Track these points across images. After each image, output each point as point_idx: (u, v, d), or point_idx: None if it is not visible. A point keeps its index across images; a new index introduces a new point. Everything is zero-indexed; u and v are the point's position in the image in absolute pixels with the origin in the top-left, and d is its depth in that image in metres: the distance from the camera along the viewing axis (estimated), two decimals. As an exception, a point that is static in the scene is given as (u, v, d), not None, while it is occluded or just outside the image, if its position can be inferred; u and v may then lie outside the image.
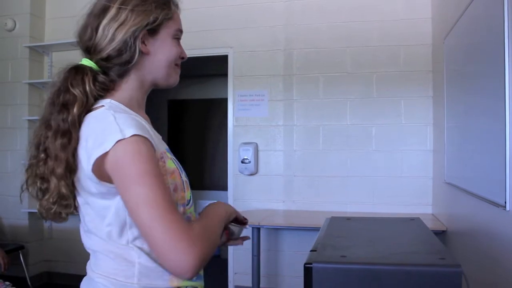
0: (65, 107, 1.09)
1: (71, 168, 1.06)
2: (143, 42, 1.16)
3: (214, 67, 5.27)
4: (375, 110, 4.08)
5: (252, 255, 3.81)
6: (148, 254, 1.08)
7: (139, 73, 1.20)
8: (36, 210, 4.62)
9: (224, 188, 4.56)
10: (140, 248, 1.08)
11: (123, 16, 1.14)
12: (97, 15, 1.16)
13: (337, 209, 4.01)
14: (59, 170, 1.05)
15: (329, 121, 4.17)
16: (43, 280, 4.78)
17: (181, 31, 1.26)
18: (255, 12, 4.35)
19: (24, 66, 4.70)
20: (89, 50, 1.17)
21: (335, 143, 4.15)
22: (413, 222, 1.81)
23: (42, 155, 1.09)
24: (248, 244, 3.87)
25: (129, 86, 1.20)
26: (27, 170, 1.12)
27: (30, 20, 4.72)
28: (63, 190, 1.06)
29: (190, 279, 1.07)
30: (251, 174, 4.30)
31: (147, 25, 1.15)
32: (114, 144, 1.01)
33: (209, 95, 6.77)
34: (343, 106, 4.14)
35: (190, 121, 6.96)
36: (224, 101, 4.53)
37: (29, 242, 4.62)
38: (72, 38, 4.39)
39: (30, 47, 4.68)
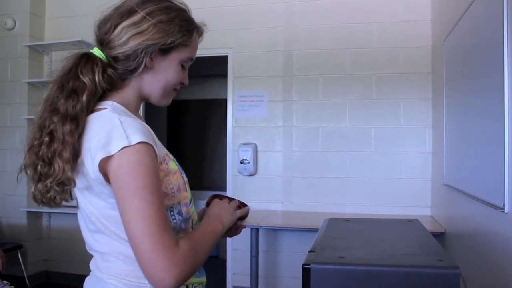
0: (75, 93, 1.09)
1: (77, 153, 1.07)
2: (150, 58, 1.16)
3: (213, 68, 5.28)
4: (374, 111, 4.08)
5: (251, 255, 3.81)
6: None
7: (139, 83, 1.20)
8: (35, 209, 4.62)
9: (223, 188, 4.55)
10: None
11: (144, 26, 1.14)
12: (122, 14, 1.16)
13: (335, 210, 4.02)
14: (66, 154, 1.05)
15: (328, 122, 4.17)
16: (42, 279, 4.77)
17: (192, 60, 1.26)
18: (255, 13, 4.35)
19: (23, 65, 4.70)
20: (102, 43, 1.17)
21: (334, 144, 4.15)
22: (412, 223, 1.81)
23: (46, 138, 1.08)
24: (246, 244, 3.88)
25: (128, 91, 1.20)
26: (28, 150, 1.11)
27: (30, 19, 4.72)
28: (69, 173, 1.05)
29: None
30: (250, 175, 4.30)
31: (162, 44, 1.16)
32: (120, 150, 1.02)
33: (208, 95, 6.78)
34: (342, 108, 4.15)
35: (190, 121, 6.96)
36: (224, 101, 4.53)
37: (27, 241, 4.61)
38: (71, 37, 4.41)
39: (29, 46, 4.68)
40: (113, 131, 1.04)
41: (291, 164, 4.25)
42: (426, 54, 3.99)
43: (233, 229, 1.37)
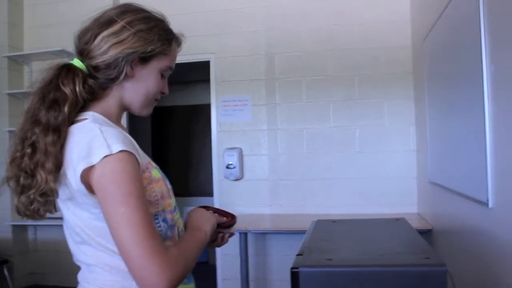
0: (56, 103, 1.09)
1: (59, 164, 1.07)
2: (131, 66, 1.17)
3: (196, 73, 5.27)
4: (358, 112, 4.11)
5: (240, 260, 3.81)
6: None
7: (120, 92, 1.21)
8: (20, 223, 4.56)
9: (210, 194, 4.54)
10: None
11: (124, 35, 1.15)
12: (101, 24, 1.17)
13: (323, 211, 4.03)
14: (49, 164, 1.05)
15: (313, 124, 4.19)
16: (29, 293, 4.71)
17: (171, 69, 1.27)
18: (236, 18, 4.36)
19: (3, 76, 4.64)
20: (82, 53, 1.18)
21: (319, 146, 4.17)
22: (398, 222, 1.83)
23: (28, 150, 1.08)
24: (236, 249, 3.87)
25: (109, 100, 1.21)
26: (10, 163, 1.11)
27: (8, 29, 4.66)
28: (51, 184, 1.05)
29: None
30: (237, 179, 4.29)
31: (142, 52, 1.17)
32: (101, 159, 1.02)
33: (192, 101, 6.75)
34: (326, 109, 4.17)
35: (174, 127, 6.93)
36: (207, 107, 4.52)
37: (13, 255, 4.54)
38: (51, 47, 4.37)
39: (9, 57, 4.62)
40: (94, 141, 1.04)
41: (277, 167, 4.25)
42: (407, 53, 4.03)
43: (219, 239, 1.36)
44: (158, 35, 1.19)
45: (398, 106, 4.04)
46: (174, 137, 6.90)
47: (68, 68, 1.14)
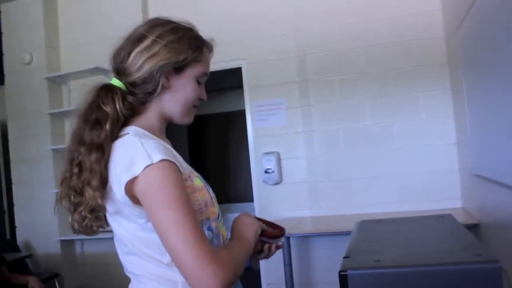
0: (98, 123, 1.14)
1: (104, 180, 1.11)
2: (166, 77, 1.21)
3: (229, 80, 5.31)
4: (393, 107, 4.04)
5: (284, 264, 3.79)
6: None
7: (159, 104, 1.24)
8: (68, 238, 4.71)
9: (250, 199, 4.55)
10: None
11: (156, 48, 1.19)
12: (133, 41, 1.21)
13: (364, 211, 3.97)
14: (95, 182, 1.10)
15: (348, 123, 4.14)
16: (80, 305, 4.83)
17: (206, 74, 1.30)
18: (264, 22, 4.36)
19: (44, 97, 4.80)
20: (119, 72, 1.22)
21: (356, 144, 4.12)
22: (444, 218, 1.78)
23: (76, 170, 1.13)
24: (279, 254, 3.85)
25: (150, 113, 1.25)
26: (61, 183, 1.17)
27: (45, 51, 4.82)
28: (99, 200, 1.10)
29: None
30: (276, 184, 4.29)
31: (175, 62, 1.20)
32: (143, 170, 1.05)
33: (226, 108, 6.80)
34: (361, 107, 4.11)
35: (210, 135, 7.00)
36: (242, 113, 4.54)
37: (63, 269, 4.67)
38: (87, 65, 4.50)
39: (48, 78, 4.77)
40: (135, 153, 1.08)
41: (315, 169, 4.23)
42: (440, 44, 3.94)
43: (266, 250, 1.36)
44: (188, 43, 1.23)
45: (434, 99, 3.95)
46: (211, 145, 6.97)
47: (107, 88, 1.20)
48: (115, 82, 1.21)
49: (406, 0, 4.02)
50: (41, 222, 4.73)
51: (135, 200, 1.08)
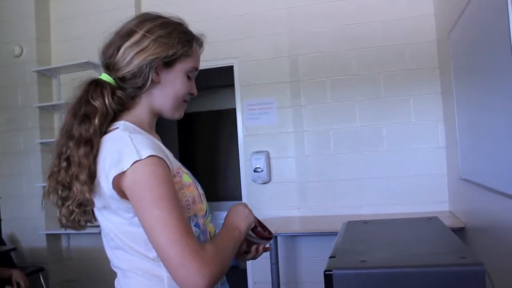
0: (87, 117, 1.14)
1: (93, 175, 1.11)
2: (156, 72, 1.21)
3: (220, 78, 5.30)
4: (384, 110, 4.06)
5: (271, 263, 3.80)
6: None
7: (149, 99, 1.24)
8: (54, 231, 4.67)
9: (238, 198, 4.55)
10: None
11: (145, 43, 1.19)
12: (122, 36, 1.21)
13: (353, 212, 3.99)
14: (83, 176, 1.09)
15: (339, 124, 4.16)
16: (65, 301, 4.80)
17: (196, 69, 1.30)
18: (257, 21, 4.36)
19: (33, 90, 4.76)
20: (108, 67, 1.22)
21: (346, 146, 4.13)
22: (431, 221, 1.79)
23: (64, 164, 1.13)
24: (266, 253, 3.86)
25: (140, 108, 1.24)
26: (49, 177, 1.17)
27: (36, 44, 4.78)
28: (87, 195, 1.10)
29: None
30: (265, 183, 4.29)
31: (164, 57, 1.20)
32: (131, 165, 1.04)
33: (217, 106, 6.80)
34: (351, 109, 4.13)
35: (200, 133, 6.99)
36: (233, 111, 4.54)
37: (48, 263, 4.64)
38: (78, 59, 4.47)
39: (38, 71, 4.73)
40: (124, 147, 1.08)
41: (304, 169, 4.24)
42: (432, 48, 3.96)
43: (253, 251, 1.36)
44: (178, 38, 1.22)
45: (425, 103, 3.98)
46: (201, 142, 6.96)
47: (96, 83, 1.19)
48: (105, 77, 1.21)
49: (400, 4, 4.05)
50: (27, 216, 4.69)
51: (122, 194, 1.08)
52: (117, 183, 1.07)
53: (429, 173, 3.93)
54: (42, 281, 4.39)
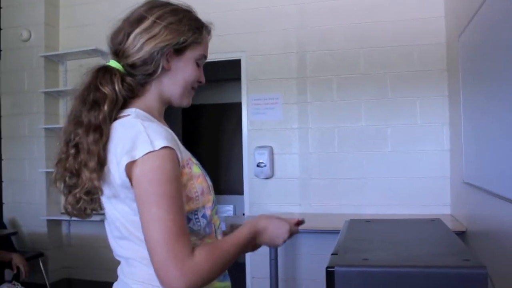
0: (96, 104, 1.12)
1: (102, 162, 1.10)
2: (167, 59, 1.20)
3: (227, 72, 5.29)
4: (390, 110, 4.05)
5: (270, 259, 3.80)
6: None
7: (158, 86, 1.23)
8: (55, 217, 4.68)
9: (240, 192, 4.55)
10: None
11: (156, 30, 1.17)
12: (132, 22, 1.20)
13: (354, 211, 3.98)
14: (92, 163, 1.08)
15: (344, 123, 4.15)
16: (63, 286, 4.82)
17: (205, 57, 1.29)
18: (267, 16, 4.35)
19: (40, 75, 4.76)
20: (118, 54, 1.21)
21: (351, 144, 4.13)
22: (434, 223, 1.79)
23: (72, 151, 1.11)
24: (265, 248, 3.86)
25: (149, 95, 1.23)
26: (56, 164, 1.15)
27: (44, 30, 4.78)
28: (95, 182, 1.08)
29: None
30: (267, 178, 4.29)
31: (175, 44, 1.19)
32: (144, 155, 1.04)
33: (223, 99, 6.78)
34: (357, 108, 4.12)
35: (205, 126, 6.98)
36: (238, 105, 4.53)
37: (48, 249, 4.66)
38: (86, 46, 4.45)
39: (45, 57, 4.74)
40: (137, 136, 1.06)
41: (308, 166, 4.23)
42: (441, 50, 3.95)
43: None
44: (188, 25, 1.22)
45: (431, 105, 3.96)
46: (205, 135, 6.95)
47: (105, 69, 1.17)
48: (113, 63, 1.19)
49: (411, 5, 4.03)
50: (29, 201, 4.71)
51: (132, 182, 1.07)
52: (128, 171, 1.06)
53: (432, 175, 3.92)
54: (42, 266, 4.41)
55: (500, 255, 2.42)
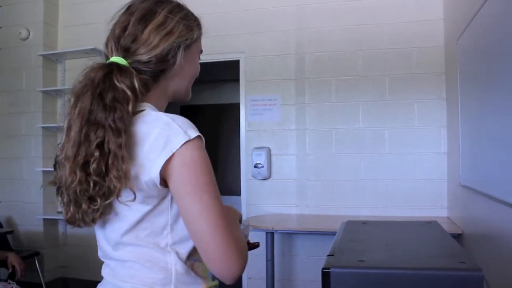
0: (118, 103, 1.04)
1: (127, 165, 1.01)
2: (182, 55, 1.16)
3: (226, 72, 5.29)
4: (388, 113, 4.05)
5: (266, 259, 3.80)
6: (182, 260, 1.09)
7: (166, 82, 1.18)
8: (51, 217, 4.63)
9: (237, 193, 4.55)
10: (177, 254, 1.09)
11: (171, 25, 1.14)
12: (142, 17, 1.14)
13: (351, 213, 3.99)
14: (124, 166, 1.00)
15: (342, 124, 4.15)
16: (58, 286, 4.80)
17: (201, 52, 1.28)
18: (266, 17, 4.35)
19: (38, 74, 4.76)
20: (128, 50, 1.13)
21: (348, 146, 4.13)
22: (430, 225, 1.79)
23: (97, 153, 1.01)
24: (262, 249, 3.87)
25: (156, 92, 1.18)
26: (72, 168, 1.03)
27: (43, 28, 4.78)
28: (129, 185, 1.00)
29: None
30: (264, 179, 4.29)
31: (190, 39, 1.17)
32: (181, 146, 1.00)
33: (221, 100, 6.79)
34: (355, 110, 4.12)
35: (203, 126, 6.92)
36: (236, 106, 4.53)
37: (44, 248, 4.65)
38: (84, 45, 4.43)
39: (43, 55, 4.73)
40: (168, 128, 1.02)
41: (305, 167, 4.23)
42: (439, 53, 3.96)
43: None
44: (193, 20, 1.20)
45: (429, 108, 3.97)
46: (203, 135, 6.94)
47: (118, 67, 1.09)
48: (120, 60, 1.11)
49: (410, 8, 4.04)
50: (25, 200, 4.70)
51: (162, 181, 1.02)
52: (165, 169, 1.00)
53: (430, 178, 3.93)
54: (37, 265, 4.39)
55: (496, 258, 2.43)
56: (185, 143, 1.00)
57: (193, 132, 1.03)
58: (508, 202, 2.12)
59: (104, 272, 1.17)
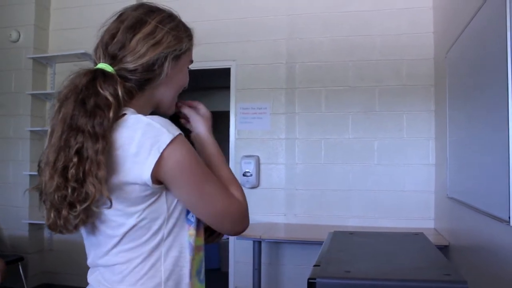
0: (99, 109, 1.04)
1: (108, 170, 1.01)
2: (169, 65, 1.16)
3: (216, 80, 5.29)
4: (377, 124, 4.08)
5: (253, 268, 3.79)
6: (172, 265, 1.10)
7: (151, 91, 1.18)
8: (37, 221, 4.56)
9: (225, 200, 4.53)
10: (167, 259, 1.10)
11: (159, 35, 1.14)
12: (132, 26, 1.14)
13: (339, 223, 3.99)
14: (101, 172, 0.99)
15: (331, 134, 4.17)
16: (42, 292, 4.75)
17: (192, 62, 1.27)
18: (258, 26, 4.37)
19: (27, 77, 4.72)
20: (115, 58, 1.13)
21: (337, 156, 4.14)
22: (417, 237, 1.80)
23: (75, 159, 1.00)
24: (249, 257, 3.86)
25: (140, 100, 1.17)
26: (52, 174, 1.02)
27: (34, 31, 4.75)
28: (105, 192, 0.99)
29: None
30: (253, 187, 4.29)
31: (178, 50, 1.17)
32: (168, 145, 1.02)
33: (211, 107, 6.69)
34: (345, 120, 4.14)
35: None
36: (226, 114, 4.53)
37: (29, 253, 4.59)
38: (75, 49, 4.41)
39: (33, 58, 4.70)
40: (151, 130, 1.03)
41: (293, 177, 4.24)
42: (429, 66, 4.00)
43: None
44: (184, 31, 1.20)
45: (418, 119, 4.00)
46: (192, 143, 6.93)
47: (103, 74, 1.10)
48: (107, 67, 1.11)
49: (400, 20, 4.08)
50: (11, 204, 4.65)
51: (155, 180, 1.03)
52: (156, 170, 1.01)
53: (417, 189, 3.96)
54: (21, 270, 4.33)
55: (481, 270, 2.44)
56: (171, 141, 1.02)
57: (175, 130, 1.05)
58: (494, 214, 2.14)
59: (90, 278, 1.17)
